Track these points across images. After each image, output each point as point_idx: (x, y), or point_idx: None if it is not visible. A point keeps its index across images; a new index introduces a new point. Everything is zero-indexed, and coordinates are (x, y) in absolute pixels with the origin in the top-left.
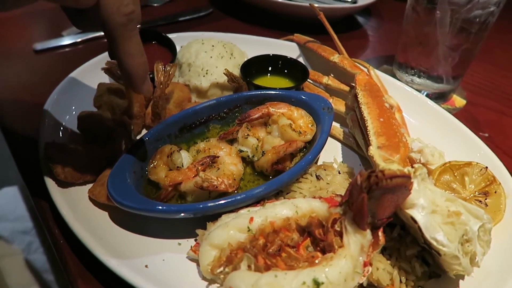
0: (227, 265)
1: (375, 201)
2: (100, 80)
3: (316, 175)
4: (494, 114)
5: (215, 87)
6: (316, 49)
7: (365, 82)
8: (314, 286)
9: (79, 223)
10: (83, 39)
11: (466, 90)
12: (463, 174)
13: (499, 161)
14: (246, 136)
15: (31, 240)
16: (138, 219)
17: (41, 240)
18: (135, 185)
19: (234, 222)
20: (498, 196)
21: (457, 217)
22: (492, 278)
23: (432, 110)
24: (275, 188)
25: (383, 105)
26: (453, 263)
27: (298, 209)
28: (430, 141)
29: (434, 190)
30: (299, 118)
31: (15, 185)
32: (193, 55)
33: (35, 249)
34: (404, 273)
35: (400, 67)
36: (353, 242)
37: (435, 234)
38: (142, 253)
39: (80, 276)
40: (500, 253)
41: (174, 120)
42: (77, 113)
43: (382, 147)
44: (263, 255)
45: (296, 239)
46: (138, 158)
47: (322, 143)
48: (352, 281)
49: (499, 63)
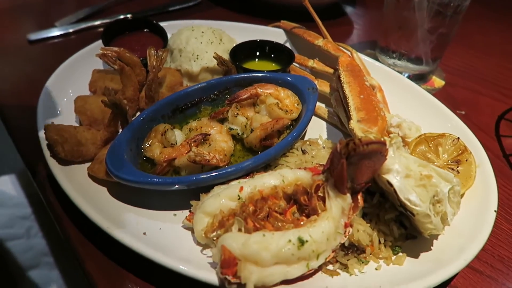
0: (219, 229)
1: (354, 166)
2: (95, 67)
3: (302, 149)
4: (470, 93)
5: (205, 71)
6: (301, 34)
7: (347, 63)
8: (298, 243)
9: (81, 196)
10: (75, 29)
11: (446, 72)
12: (437, 144)
13: (472, 134)
14: (235, 115)
15: (31, 225)
16: (136, 193)
17: (40, 224)
18: (131, 161)
19: (225, 191)
20: (469, 164)
21: (429, 180)
22: (462, 237)
23: (411, 89)
24: (263, 161)
25: (364, 84)
26: (425, 221)
27: (284, 178)
28: (409, 118)
29: (408, 157)
30: (285, 98)
31: (13, 173)
32: (183, 41)
33: (35, 233)
34: (383, 235)
35: (382, 51)
36: (335, 206)
37: (408, 195)
38: (140, 223)
39: (82, 246)
40: (470, 215)
41: (167, 102)
42: (74, 97)
43: (361, 120)
44: (252, 219)
45: (283, 206)
46: (134, 136)
47: (307, 120)
48: (334, 241)
49: (478, 47)
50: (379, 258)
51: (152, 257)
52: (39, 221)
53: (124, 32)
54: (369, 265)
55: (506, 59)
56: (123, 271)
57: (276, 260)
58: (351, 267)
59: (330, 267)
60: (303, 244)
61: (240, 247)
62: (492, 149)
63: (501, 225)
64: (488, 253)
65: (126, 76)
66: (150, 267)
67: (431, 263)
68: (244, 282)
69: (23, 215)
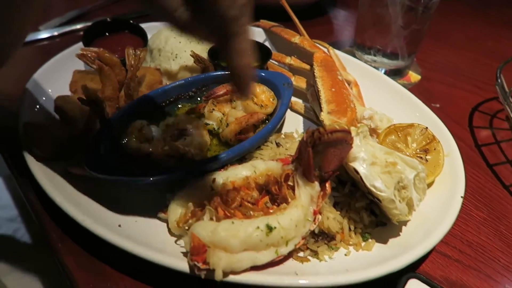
0: (191, 219)
1: (320, 155)
2: (76, 68)
3: (276, 142)
4: (446, 87)
5: (184, 69)
6: (279, 33)
7: (322, 58)
8: (267, 230)
9: (58, 192)
10: (60, 33)
11: (422, 67)
12: (406, 134)
13: (443, 125)
14: (211, 111)
15: (17, 227)
16: (113, 188)
17: (27, 226)
18: (109, 158)
19: (198, 183)
20: (437, 152)
21: (393, 166)
22: (429, 223)
23: (387, 84)
24: (237, 154)
25: (336, 78)
26: (391, 207)
27: (256, 169)
28: (384, 111)
29: (374, 145)
30: (261, 93)
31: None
32: (163, 41)
33: (22, 235)
34: (353, 222)
35: (359, 48)
36: (304, 194)
37: (374, 182)
38: (115, 215)
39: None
40: (438, 202)
41: (145, 99)
42: (54, 97)
43: (331, 112)
44: (223, 208)
45: (256, 196)
46: (112, 133)
47: (282, 113)
48: (304, 228)
49: (455, 43)
50: (349, 244)
51: (126, 248)
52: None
53: (105, 33)
54: (339, 251)
55: (483, 54)
56: (100, 263)
57: (245, 247)
58: (321, 254)
59: (301, 254)
60: (271, 231)
61: (209, 235)
62: (465, 140)
63: (470, 212)
64: (456, 239)
65: (105, 76)
66: (126, 258)
67: (398, 248)
68: (213, 268)
69: (10, 217)
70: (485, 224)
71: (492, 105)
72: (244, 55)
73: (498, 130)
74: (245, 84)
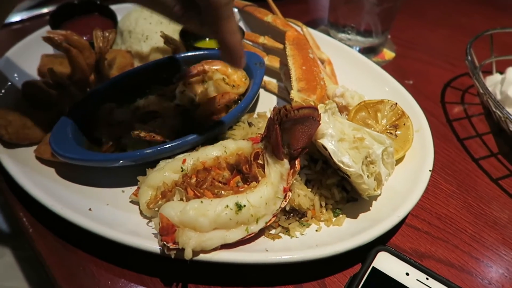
0: (161, 200)
1: (288, 132)
2: (44, 52)
3: (248, 122)
4: (420, 64)
5: (155, 51)
6: (252, 12)
7: (294, 37)
8: (236, 208)
9: (26, 177)
10: (29, 16)
11: (397, 45)
12: (376, 110)
13: (414, 101)
14: (182, 92)
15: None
16: (83, 172)
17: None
18: (77, 141)
19: (168, 165)
20: (407, 128)
21: (361, 142)
22: (399, 196)
23: (360, 62)
24: (208, 134)
25: (307, 56)
26: (359, 182)
27: (226, 149)
28: (357, 89)
29: (343, 122)
30: (233, 74)
31: None
32: (133, 22)
33: None
34: (324, 199)
35: (332, 26)
36: (273, 171)
37: (342, 157)
38: (86, 199)
39: (32, 227)
40: (407, 176)
41: (114, 82)
42: (21, 82)
43: (301, 90)
44: (193, 188)
45: (227, 176)
46: (80, 117)
47: (254, 93)
48: (274, 205)
49: (430, 20)
50: (321, 220)
51: (95, 230)
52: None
53: (73, 16)
54: (310, 228)
55: (457, 31)
56: (73, 247)
57: (214, 226)
58: (292, 230)
59: (272, 231)
60: (240, 209)
61: (178, 214)
62: (438, 115)
63: (440, 185)
64: (426, 211)
65: (73, 59)
66: (98, 241)
67: (368, 222)
68: (182, 247)
69: None
70: (453, 197)
71: (464, 81)
72: (236, 34)
73: (469, 105)
74: (240, 57)
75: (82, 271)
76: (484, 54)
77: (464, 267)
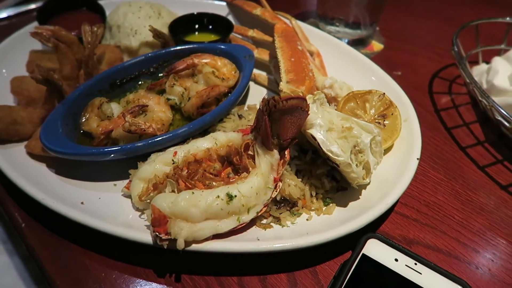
0: (153, 192)
1: (277, 123)
2: (33, 48)
3: (239, 114)
4: (408, 55)
5: (145, 46)
6: (241, 5)
7: (282, 29)
8: (227, 199)
9: (16, 172)
10: (16, 12)
11: (385, 36)
12: (364, 101)
13: (402, 92)
14: (172, 85)
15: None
16: (75, 167)
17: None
18: (68, 136)
19: (159, 157)
20: (395, 117)
21: (349, 131)
22: (387, 185)
23: (349, 54)
24: (199, 127)
25: (296, 48)
26: (348, 171)
27: (217, 141)
28: (345, 80)
29: (331, 112)
30: (222, 67)
31: None
32: (121, 17)
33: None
34: (314, 189)
35: (321, 19)
36: (263, 162)
37: (330, 147)
38: (78, 193)
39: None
40: (395, 164)
41: (104, 76)
42: (10, 78)
43: (290, 81)
44: (184, 179)
45: (218, 168)
46: (70, 111)
47: (243, 85)
48: (265, 195)
49: (417, 12)
50: (311, 210)
51: (87, 223)
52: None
53: (61, 11)
54: (301, 217)
55: (444, 22)
56: (64, 241)
57: (206, 216)
58: (283, 220)
59: (264, 221)
60: (231, 199)
61: (169, 205)
62: (426, 106)
63: (427, 173)
64: (414, 199)
65: (61, 54)
66: (90, 234)
67: (357, 210)
68: (175, 237)
69: None
70: (441, 184)
71: (451, 71)
72: None
73: (456, 95)
74: None
75: (75, 264)
76: (470, 45)
77: (451, 252)
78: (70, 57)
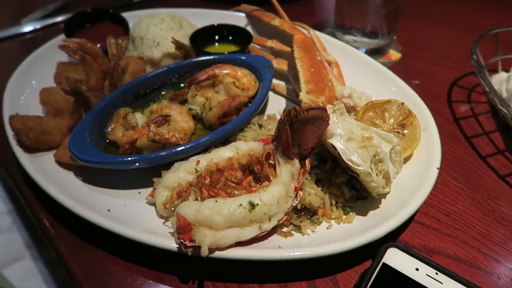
0: (177, 200)
1: (298, 132)
2: (60, 60)
3: (259, 124)
4: (425, 63)
5: (167, 57)
6: (260, 16)
7: (301, 40)
8: (249, 207)
9: (47, 180)
10: (42, 26)
11: (402, 45)
12: (383, 110)
13: (420, 101)
14: (194, 96)
15: (14, 219)
16: (101, 175)
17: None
18: (95, 145)
19: (183, 166)
20: (414, 127)
21: (369, 141)
22: (406, 194)
23: (367, 63)
24: (221, 137)
25: (315, 58)
26: (368, 180)
27: (238, 150)
28: (364, 89)
29: (351, 121)
30: (242, 77)
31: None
32: (144, 29)
33: (19, 227)
34: (334, 197)
35: (339, 28)
36: (284, 171)
37: (351, 156)
38: (105, 201)
39: (53, 228)
40: (415, 174)
41: (128, 87)
42: (39, 89)
43: (310, 91)
44: (207, 188)
45: (239, 176)
46: (96, 121)
47: (263, 95)
48: (286, 204)
49: (434, 19)
50: (331, 218)
51: (114, 230)
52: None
53: (86, 24)
54: (321, 225)
55: (461, 29)
56: (92, 247)
57: (229, 224)
58: (304, 228)
59: (284, 229)
60: (254, 208)
61: (193, 213)
62: (444, 114)
63: (448, 183)
64: (434, 208)
65: (88, 66)
66: (116, 241)
67: (377, 219)
68: (199, 245)
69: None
70: (461, 194)
71: (470, 80)
72: None
73: (476, 103)
74: None
75: (101, 270)
76: (489, 53)
77: (473, 262)
78: (95, 69)
